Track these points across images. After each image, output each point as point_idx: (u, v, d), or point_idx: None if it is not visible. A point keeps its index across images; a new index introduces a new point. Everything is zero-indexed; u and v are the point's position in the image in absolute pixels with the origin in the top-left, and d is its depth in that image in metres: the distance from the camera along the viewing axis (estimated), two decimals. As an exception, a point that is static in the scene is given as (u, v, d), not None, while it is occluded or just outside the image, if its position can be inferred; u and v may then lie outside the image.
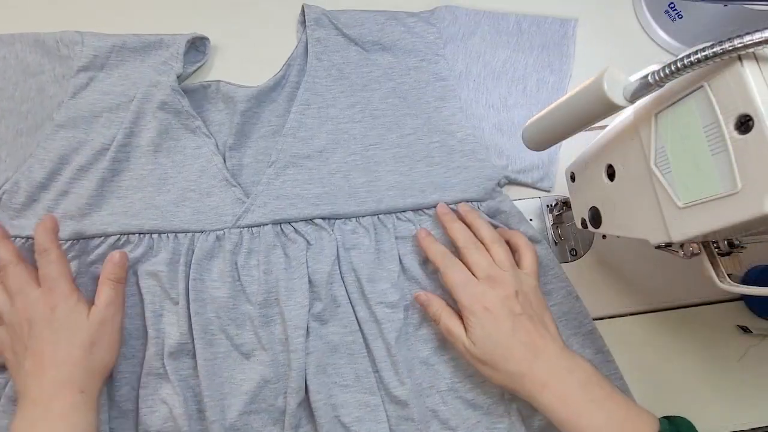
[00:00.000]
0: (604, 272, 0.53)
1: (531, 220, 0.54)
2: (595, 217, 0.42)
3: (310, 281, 0.47)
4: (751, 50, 0.26)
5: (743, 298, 0.52)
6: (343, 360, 0.47)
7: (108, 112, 0.49)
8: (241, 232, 0.48)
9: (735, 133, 0.27)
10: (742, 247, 0.34)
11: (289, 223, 0.48)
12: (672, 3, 0.56)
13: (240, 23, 0.56)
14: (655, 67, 0.29)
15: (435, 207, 0.50)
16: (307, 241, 0.48)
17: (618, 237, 0.49)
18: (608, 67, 0.31)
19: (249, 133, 0.51)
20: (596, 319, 0.51)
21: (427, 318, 0.48)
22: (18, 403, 0.41)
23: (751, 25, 0.26)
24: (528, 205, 0.54)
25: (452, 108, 0.53)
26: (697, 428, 0.38)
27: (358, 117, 0.52)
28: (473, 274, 0.45)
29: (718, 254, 0.34)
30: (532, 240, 0.49)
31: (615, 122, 0.38)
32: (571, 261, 0.53)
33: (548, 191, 0.54)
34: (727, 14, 0.52)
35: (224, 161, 0.49)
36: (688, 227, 0.31)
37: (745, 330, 0.51)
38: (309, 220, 0.48)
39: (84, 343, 0.41)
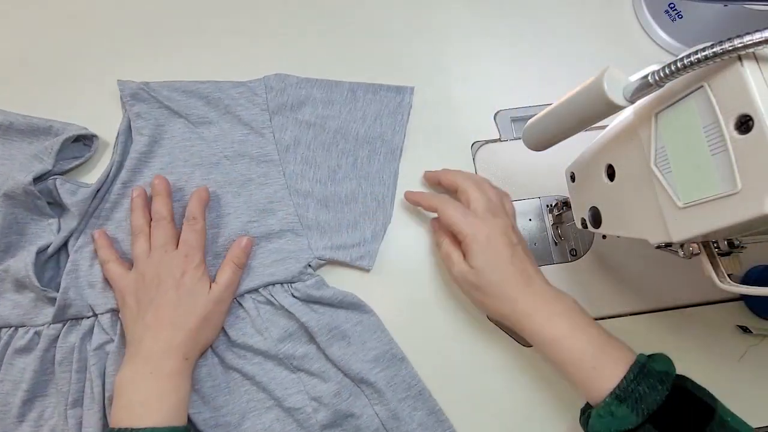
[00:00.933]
0: (604, 272, 0.53)
1: (530, 220, 0.54)
2: (595, 217, 0.42)
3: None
4: (751, 50, 0.26)
5: (743, 298, 0.52)
6: None
7: None
8: (62, 325, 0.46)
9: (735, 133, 0.27)
10: (742, 247, 0.34)
11: (115, 312, 0.47)
12: (672, 3, 0.56)
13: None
14: (655, 67, 0.29)
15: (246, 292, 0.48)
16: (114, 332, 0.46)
17: (618, 237, 0.49)
18: (608, 67, 0.31)
19: (81, 226, 0.49)
20: (596, 319, 0.51)
21: None
22: (127, 352, 0.43)
23: (751, 25, 0.26)
24: (528, 205, 0.54)
25: (276, 185, 0.51)
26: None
27: (177, 196, 0.50)
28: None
29: (718, 254, 0.34)
30: None
31: (615, 122, 0.38)
32: (571, 261, 0.53)
33: (368, 270, 0.51)
34: (727, 14, 0.53)
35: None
36: (688, 227, 0.31)
37: (745, 330, 0.51)
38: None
39: (200, 315, 0.44)
